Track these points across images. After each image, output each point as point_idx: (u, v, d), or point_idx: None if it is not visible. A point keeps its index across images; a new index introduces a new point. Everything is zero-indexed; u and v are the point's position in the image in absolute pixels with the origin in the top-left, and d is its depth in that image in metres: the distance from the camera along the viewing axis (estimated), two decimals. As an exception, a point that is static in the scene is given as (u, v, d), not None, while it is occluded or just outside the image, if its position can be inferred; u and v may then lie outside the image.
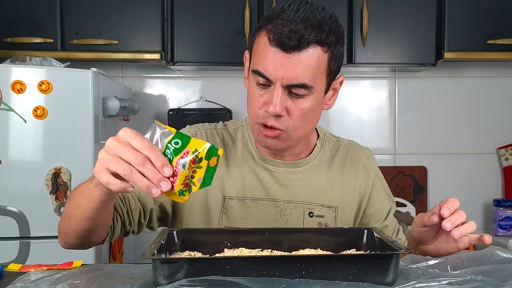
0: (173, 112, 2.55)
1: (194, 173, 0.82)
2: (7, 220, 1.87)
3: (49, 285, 0.81)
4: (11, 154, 1.87)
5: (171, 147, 0.81)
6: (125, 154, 0.80)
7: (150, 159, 0.80)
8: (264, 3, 2.32)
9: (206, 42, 2.33)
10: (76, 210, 0.98)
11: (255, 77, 1.07)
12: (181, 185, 0.81)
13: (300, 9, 1.04)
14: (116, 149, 0.81)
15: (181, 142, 0.81)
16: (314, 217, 1.19)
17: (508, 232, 2.53)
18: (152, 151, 0.80)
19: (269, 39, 1.03)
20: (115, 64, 2.60)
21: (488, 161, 2.73)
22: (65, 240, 1.07)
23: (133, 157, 0.80)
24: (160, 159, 0.80)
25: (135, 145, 0.81)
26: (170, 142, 0.81)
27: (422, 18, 2.36)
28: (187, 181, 0.82)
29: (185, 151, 0.80)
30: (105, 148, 0.83)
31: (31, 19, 2.26)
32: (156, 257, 0.80)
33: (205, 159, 0.81)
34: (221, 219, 1.17)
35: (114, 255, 2.14)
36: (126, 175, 0.80)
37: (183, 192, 0.82)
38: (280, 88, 1.04)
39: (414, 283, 0.76)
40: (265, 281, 0.74)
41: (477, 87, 2.72)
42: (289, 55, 1.03)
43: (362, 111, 2.72)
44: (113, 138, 0.83)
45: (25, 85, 1.85)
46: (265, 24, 1.06)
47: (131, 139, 0.81)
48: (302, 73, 1.04)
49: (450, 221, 0.93)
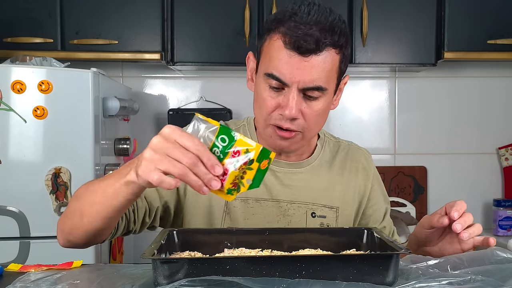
0: (173, 112, 2.55)
1: (244, 174, 0.82)
2: (7, 220, 1.87)
3: (49, 285, 0.81)
4: (11, 154, 1.87)
5: (218, 145, 0.80)
6: (176, 154, 0.79)
7: (200, 158, 0.79)
8: (264, 3, 2.32)
9: (206, 42, 2.33)
10: (92, 208, 0.95)
11: (268, 80, 1.07)
12: (230, 184, 0.81)
13: (311, 11, 1.04)
14: (165, 148, 0.80)
15: (228, 138, 0.80)
16: (316, 218, 1.19)
17: (508, 232, 2.53)
18: (202, 150, 0.79)
19: (284, 42, 1.03)
20: (115, 64, 2.60)
21: (488, 161, 2.73)
22: (67, 239, 1.04)
23: (185, 157, 0.78)
24: (211, 159, 0.79)
25: (183, 143, 0.79)
26: (217, 139, 0.81)
27: (422, 18, 2.36)
28: (237, 180, 0.82)
29: (235, 151, 0.80)
30: (152, 147, 0.81)
31: (31, 19, 2.26)
32: (156, 257, 0.80)
33: (257, 161, 0.81)
34: (224, 219, 1.17)
35: (114, 255, 2.14)
36: (181, 175, 0.78)
37: (231, 191, 0.83)
38: (296, 91, 1.05)
39: (414, 283, 0.76)
40: (265, 281, 0.74)
41: (477, 87, 2.72)
42: (306, 59, 1.03)
43: (362, 111, 2.72)
44: (159, 137, 0.81)
45: (25, 85, 1.85)
46: (276, 26, 1.06)
47: (178, 136, 0.80)
48: (317, 76, 1.04)
49: (460, 223, 0.96)
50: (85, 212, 0.97)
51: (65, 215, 1.04)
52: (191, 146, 0.79)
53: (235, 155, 0.80)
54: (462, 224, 0.96)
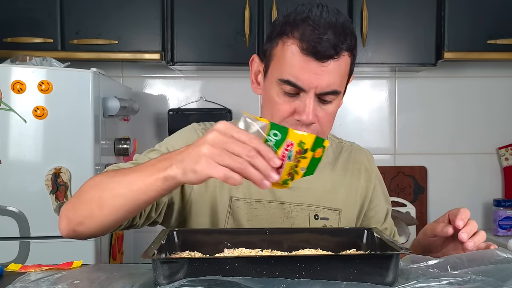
0: (173, 112, 2.55)
1: (298, 163, 0.84)
2: (7, 220, 1.87)
3: (49, 285, 0.81)
4: (11, 154, 1.87)
5: (271, 139, 0.82)
6: (235, 148, 0.79)
7: (258, 151, 0.79)
8: (264, 3, 2.32)
9: (206, 42, 2.33)
10: (115, 200, 0.92)
11: (282, 86, 1.05)
12: (286, 175, 0.84)
13: (322, 13, 1.03)
14: (223, 143, 0.80)
15: (280, 132, 0.82)
16: (319, 220, 1.19)
17: (508, 232, 2.53)
18: (258, 144, 0.80)
19: (301, 48, 1.02)
20: (115, 64, 2.60)
21: (488, 161, 2.73)
22: (74, 229, 0.99)
23: (245, 150, 0.79)
24: (269, 151, 0.80)
25: (240, 138, 0.80)
26: (269, 134, 0.82)
27: (422, 18, 2.36)
28: (291, 170, 0.85)
29: (288, 143, 0.82)
30: (209, 142, 0.80)
31: (31, 19, 2.26)
32: (156, 257, 0.80)
33: (311, 150, 0.83)
34: (228, 220, 1.16)
35: (114, 255, 2.14)
36: (241, 168, 0.79)
37: (287, 181, 0.86)
38: (313, 96, 1.04)
39: (414, 283, 0.76)
40: (265, 281, 0.74)
41: (477, 87, 2.72)
42: (324, 64, 1.02)
43: (362, 111, 2.72)
44: (215, 132, 0.81)
45: (25, 85, 1.85)
46: (289, 30, 1.04)
47: (235, 132, 0.80)
48: (333, 80, 1.04)
49: (466, 231, 0.97)
50: (106, 203, 0.93)
51: (77, 203, 0.99)
52: (248, 140, 0.80)
53: (288, 148, 0.82)
54: (468, 233, 0.97)
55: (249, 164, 0.79)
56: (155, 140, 2.61)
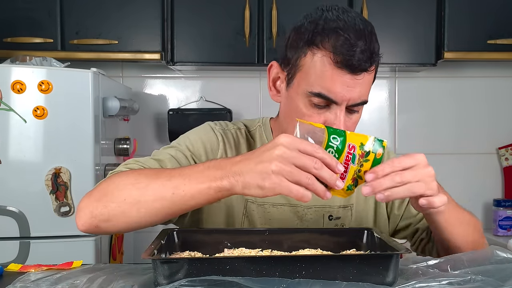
0: (173, 112, 2.55)
1: (361, 167, 0.84)
2: (7, 220, 1.87)
3: (49, 285, 0.81)
4: (11, 154, 1.87)
5: (333, 144, 0.82)
6: (303, 162, 0.80)
7: (323, 161, 0.80)
8: (264, 3, 2.32)
9: (206, 42, 2.33)
10: (157, 203, 0.90)
11: (311, 98, 1.02)
12: (350, 180, 0.84)
13: (350, 20, 1.00)
14: (291, 158, 0.80)
15: (339, 136, 0.83)
16: (333, 220, 1.18)
17: (508, 232, 2.53)
18: (323, 153, 0.80)
19: (334, 61, 0.98)
20: (115, 64, 2.60)
21: (488, 161, 2.73)
22: (97, 224, 0.94)
23: (311, 162, 0.80)
24: (333, 159, 0.80)
25: (306, 150, 0.81)
26: (329, 139, 0.83)
27: (422, 18, 2.36)
28: (355, 175, 0.84)
29: (350, 146, 0.82)
30: (278, 158, 0.80)
31: (31, 19, 2.26)
32: (156, 257, 0.80)
33: (372, 152, 0.83)
34: (243, 222, 1.15)
35: (114, 255, 2.14)
36: (309, 184, 0.80)
37: (351, 186, 0.85)
38: (344, 109, 1.03)
39: (414, 283, 0.76)
40: (265, 281, 0.74)
41: (477, 87, 2.71)
42: (358, 77, 1.00)
43: (362, 111, 2.71)
44: (282, 147, 0.81)
45: (25, 85, 1.85)
46: (319, 41, 1.00)
47: (299, 144, 0.81)
48: (364, 91, 1.04)
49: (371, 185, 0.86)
50: (146, 205, 0.91)
51: (106, 200, 0.94)
52: (314, 151, 0.80)
53: (351, 151, 0.82)
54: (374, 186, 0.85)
55: (315, 179, 0.80)
56: (155, 140, 2.62)
